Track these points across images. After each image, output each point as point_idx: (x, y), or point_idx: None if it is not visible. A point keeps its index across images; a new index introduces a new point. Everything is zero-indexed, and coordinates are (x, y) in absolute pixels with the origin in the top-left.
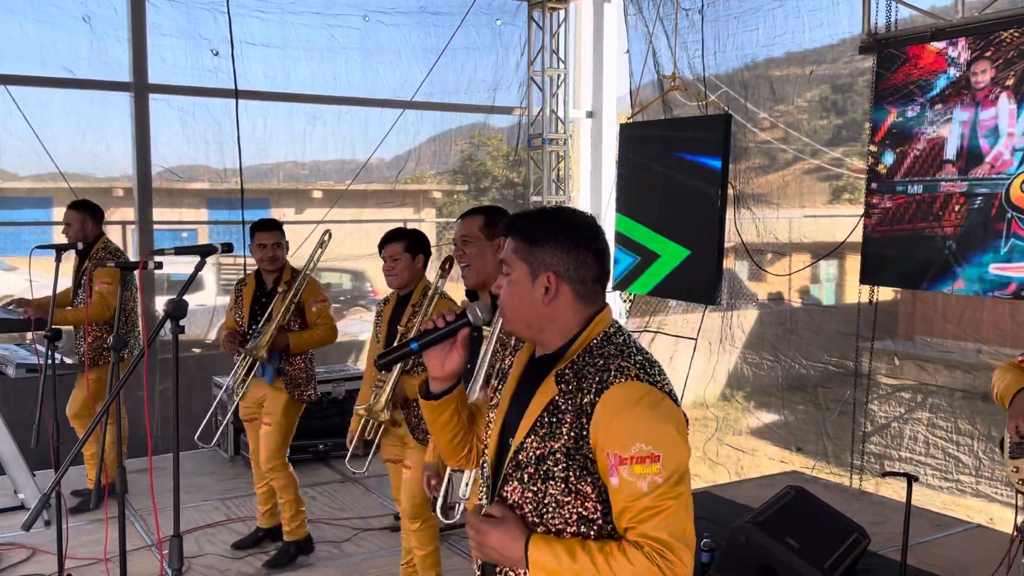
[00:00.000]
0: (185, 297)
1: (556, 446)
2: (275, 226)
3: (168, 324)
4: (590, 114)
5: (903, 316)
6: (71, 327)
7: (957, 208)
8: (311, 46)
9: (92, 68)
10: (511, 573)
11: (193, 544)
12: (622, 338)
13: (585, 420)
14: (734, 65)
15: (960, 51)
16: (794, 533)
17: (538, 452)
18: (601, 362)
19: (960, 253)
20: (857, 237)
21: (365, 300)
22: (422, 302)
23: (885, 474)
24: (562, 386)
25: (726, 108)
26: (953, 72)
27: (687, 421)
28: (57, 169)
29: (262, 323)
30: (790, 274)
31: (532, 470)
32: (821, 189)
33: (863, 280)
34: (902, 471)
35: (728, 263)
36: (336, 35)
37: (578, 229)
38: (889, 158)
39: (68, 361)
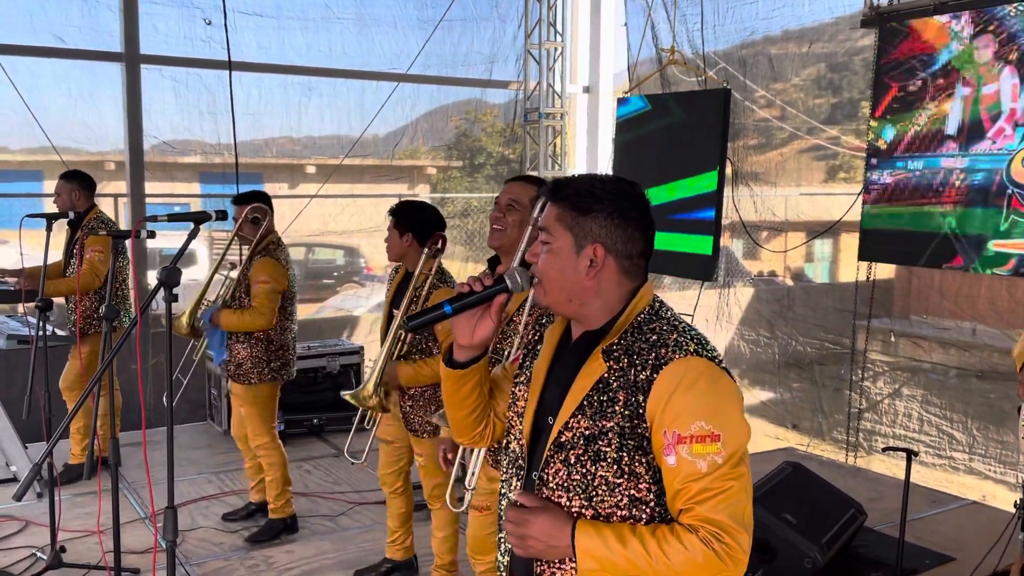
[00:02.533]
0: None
1: (608, 425)
2: (240, 200)
3: (161, 292)
4: (587, 89)
5: (899, 293)
6: (62, 298)
7: (957, 184)
8: (305, 15)
9: (83, 37)
10: (549, 570)
11: (187, 517)
12: (669, 313)
13: (642, 397)
14: (733, 40)
15: (963, 25)
16: (791, 509)
17: (587, 432)
18: (655, 337)
19: (960, 230)
20: (852, 216)
21: (359, 276)
22: (423, 287)
23: (885, 449)
24: (611, 363)
25: (726, 83)
26: (956, 46)
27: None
28: (48, 140)
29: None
30: (786, 251)
31: (580, 451)
32: (817, 168)
33: (861, 256)
34: (902, 447)
35: (724, 240)
36: (331, 4)
37: (630, 200)
38: (889, 133)
39: (60, 333)
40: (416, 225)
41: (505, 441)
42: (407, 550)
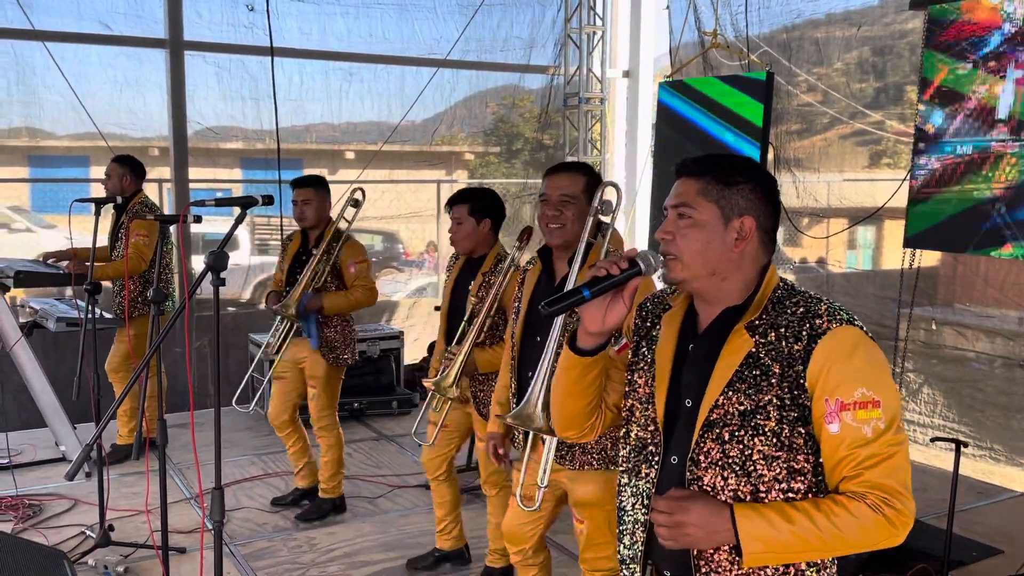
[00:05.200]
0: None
1: (766, 399)
2: (306, 183)
3: (209, 276)
4: (627, 73)
5: (943, 281)
6: (109, 282)
7: (1008, 169)
8: (347, 1)
9: (128, 24)
10: (706, 556)
11: (231, 498)
12: (802, 287)
13: (800, 367)
14: (776, 23)
15: (1016, 6)
16: None
17: (741, 408)
18: (801, 310)
19: (1010, 215)
20: (896, 202)
21: (397, 261)
22: (495, 271)
23: (934, 439)
24: (758, 337)
25: (769, 66)
26: (1008, 28)
27: None
28: (95, 126)
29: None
30: (828, 236)
31: (736, 427)
32: (860, 153)
33: (907, 243)
34: (949, 437)
35: None
36: None
37: (769, 176)
38: (938, 117)
39: (107, 316)
40: (496, 211)
41: (624, 430)
42: (457, 539)
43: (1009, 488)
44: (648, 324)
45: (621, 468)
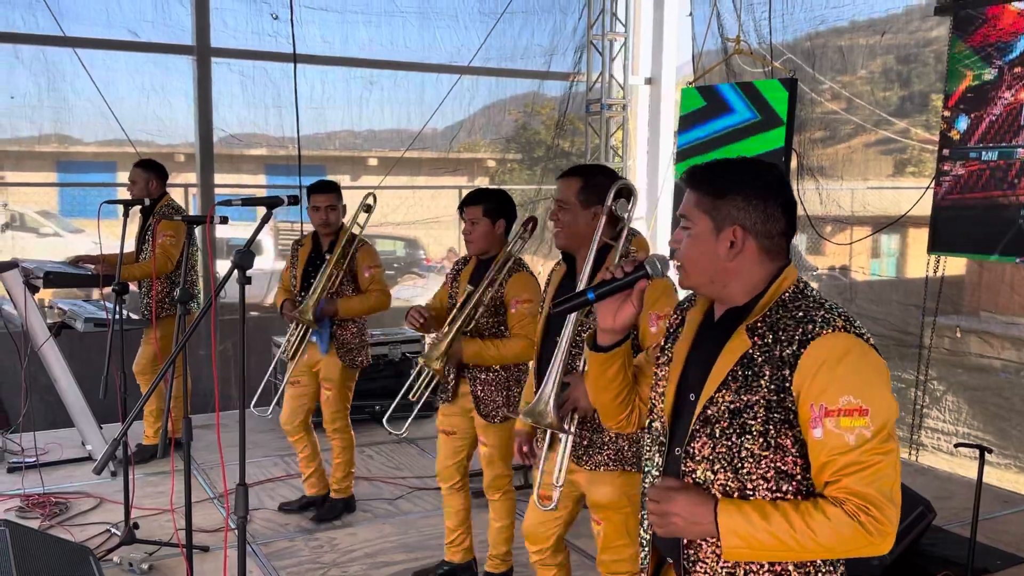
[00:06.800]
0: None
1: (754, 399)
2: (329, 188)
3: (235, 275)
4: (649, 80)
5: (968, 288)
6: (136, 283)
7: None
8: (369, 9)
9: (155, 31)
10: (695, 545)
11: (253, 498)
12: (814, 292)
13: (788, 371)
14: (800, 31)
15: None
16: None
17: (732, 406)
18: (800, 314)
19: None
20: (920, 211)
21: (418, 267)
22: (501, 273)
23: (958, 445)
24: (755, 339)
25: (793, 73)
26: None
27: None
28: (123, 132)
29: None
30: (851, 243)
31: (725, 424)
32: (885, 161)
33: (931, 249)
34: (974, 443)
35: None
36: None
37: (766, 181)
38: (963, 124)
39: (134, 317)
40: (509, 211)
41: (648, 421)
42: (467, 551)
43: None
44: (678, 322)
45: (644, 456)
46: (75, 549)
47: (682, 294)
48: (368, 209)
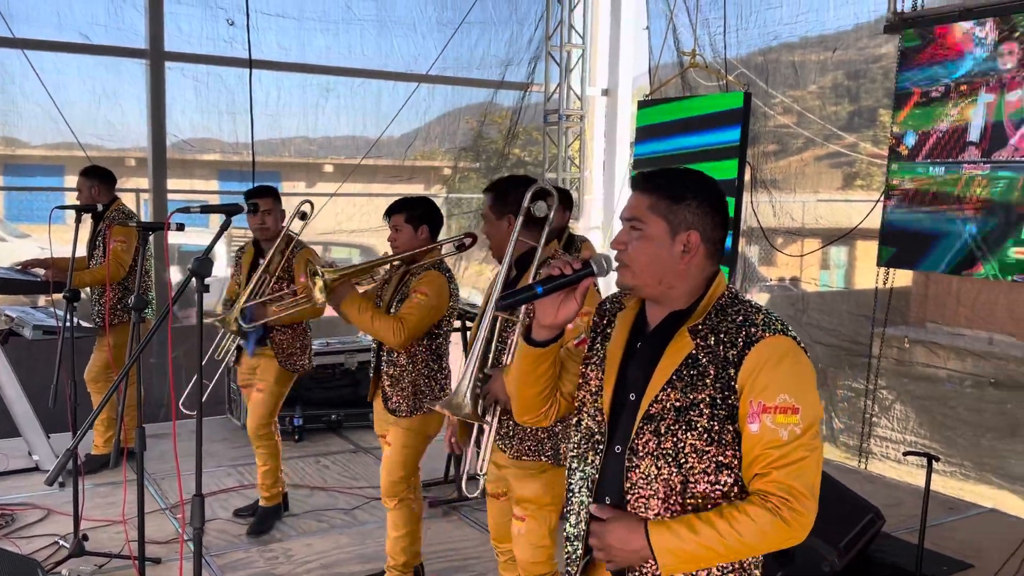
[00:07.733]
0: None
1: (700, 397)
2: (264, 193)
3: (193, 283)
4: (605, 91)
5: (915, 300)
6: (87, 289)
7: (979, 191)
8: (327, 17)
9: (108, 34)
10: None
11: (207, 509)
12: (746, 296)
13: (733, 370)
14: (754, 46)
15: (987, 32)
16: None
17: (678, 404)
18: (740, 318)
19: (981, 236)
20: (870, 223)
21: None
22: (417, 272)
23: (907, 453)
24: (698, 340)
25: (746, 87)
26: (980, 53)
27: None
28: (73, 136)
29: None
30: (803, 255)
31: (671, 421)
32: (834, 175)
33: (880, 262)
34: (923, 451)
35: (740, 246)
36: (352, 6)
37: (716, 190)
38: (911, 139)
39: (85, 324)
40: (433, 218)
41: (576, 419)
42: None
43: (978, 504)
44: (604, 322)
45: (571, 454)
46: (22, 562)
47: (604, 294)
48: (303, 216)
